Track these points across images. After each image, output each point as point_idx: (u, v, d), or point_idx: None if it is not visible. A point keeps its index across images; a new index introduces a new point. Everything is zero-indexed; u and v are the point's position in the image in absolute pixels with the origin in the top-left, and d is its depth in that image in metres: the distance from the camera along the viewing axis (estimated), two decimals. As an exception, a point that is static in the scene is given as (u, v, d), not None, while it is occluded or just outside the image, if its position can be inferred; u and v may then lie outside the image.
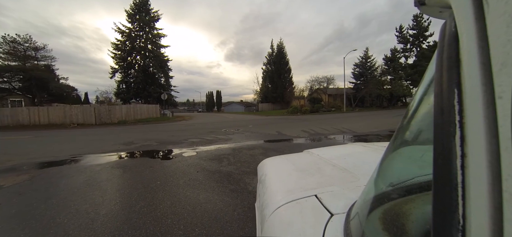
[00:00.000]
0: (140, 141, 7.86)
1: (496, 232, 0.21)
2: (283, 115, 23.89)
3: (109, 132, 11.69)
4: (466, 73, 0.25)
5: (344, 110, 26.76)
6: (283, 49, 42.61)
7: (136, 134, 10.18)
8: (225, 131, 10.43)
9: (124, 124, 17.02)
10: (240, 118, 22.58)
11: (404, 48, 35.09)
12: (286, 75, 42.79)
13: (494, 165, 0.22)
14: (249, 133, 9.31)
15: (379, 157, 0.56)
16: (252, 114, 32.96)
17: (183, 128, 12.69)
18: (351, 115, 19.12)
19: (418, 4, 0.34)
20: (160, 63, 28.34)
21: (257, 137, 8.09)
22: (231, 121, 17.67)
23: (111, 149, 6.57)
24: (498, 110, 0.22)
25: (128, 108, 20.35)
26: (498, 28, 0.22)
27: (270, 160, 1.45)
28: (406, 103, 35.88)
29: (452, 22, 0.28)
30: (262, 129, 10.71)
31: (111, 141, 8.08)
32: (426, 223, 0.43)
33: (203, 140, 7.80)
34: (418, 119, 0.44)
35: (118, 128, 13.77)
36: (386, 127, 9.81)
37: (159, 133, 10.20)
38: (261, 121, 16.57)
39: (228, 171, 3.90)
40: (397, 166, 0.53)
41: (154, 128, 13.39)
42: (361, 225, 0.50)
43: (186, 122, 18.65)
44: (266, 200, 0.93)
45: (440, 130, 0.28)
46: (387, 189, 0.52)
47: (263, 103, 44.26)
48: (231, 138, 8.12)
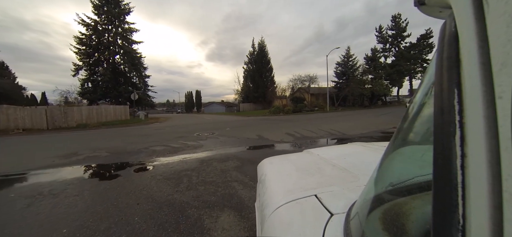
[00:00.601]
0: (86, 152, 6.44)
1: (496, 232, 0.21)
2: (265, 115, 22.81)
3: (59, 139, 9.72)
4: (466, 73, 0.25)
5: (327, 109, 26.46)
6: (265, 48, 41.50)
7: (90, 141, 8.69)
8: (197, 135, 9.17)
9: (84, 128, 15.02)
10: (219, 119, 21.21)
11: (384, 48, 36.01)
12: (268, 74, 41.70)
13: (494, 165, 0.22)
14: (224, 138, 8.15)
15: (379, 157, 0.56)
16: (232, 114, 31.86)
17: (151, 132, 11.27)
18: (335, 115, 18.46)
19: (418, 4, 0.34)
20: (132, 60, 26.01)
21: (233, 143, 6.93)
22: (208, 122, 16.51)
23: (41, 165, 5.08)
24: (498, 110, 0.22)
25: (90, 109, 17.92)
26: (498, 28, 0.22)
27: (269, 160, 1.45)
28: (386, 102, 36.85)
29: (452, 22, 0.28)
30: (241, 133, 9.48)
31: (51, 152, 6.56)
32: (426, 223, 0.43)
33: (167, 148, 6.52)
34: (418, 119, 0.44)
35: (73, 134, 11.73)
36: (375, 128, 9.32)
37: (119, 140, 8.76)
38: (241, 122, 15.52)
39: (182, 202, 2.76)
40: (397, 166, 0.53)
41: (117, 133, 11.73)
42: (361, 225, 0.50)
43: (158, 124, 17.11)
44: (266, 200, 0.93)
45: (440, 130, 0.29)
46: (387, 189, 0.52)
47: (244, 103, 42.97)
48: (202, 144, 6.90)
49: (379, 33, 36.02)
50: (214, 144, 6.88)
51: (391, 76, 32.65)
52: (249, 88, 42.25)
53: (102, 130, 14.15)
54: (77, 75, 24.90)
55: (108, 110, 19.83)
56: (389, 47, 35.53)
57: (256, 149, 6.14)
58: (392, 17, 35.08)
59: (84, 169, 4.70)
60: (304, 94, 31.66)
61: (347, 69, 33.46)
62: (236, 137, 8.22)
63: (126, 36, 26.18)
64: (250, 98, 41.84)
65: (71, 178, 4.09)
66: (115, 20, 25.05)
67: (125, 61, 25.67)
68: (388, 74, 32.52)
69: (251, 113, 30.83)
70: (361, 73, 32.69)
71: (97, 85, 24.77)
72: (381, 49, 35.73)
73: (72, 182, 3.83)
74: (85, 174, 4.38)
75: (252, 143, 6.94)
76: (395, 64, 33.36)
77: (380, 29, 35.95)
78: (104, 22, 24.65)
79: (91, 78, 24.74)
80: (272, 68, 42.46)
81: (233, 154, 5.41)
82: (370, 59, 34.50)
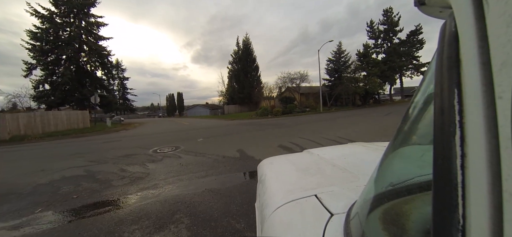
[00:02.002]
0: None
1: (496, 232, 0.21)
2: (251, 118, 20.38)
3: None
4: (466, 73, 0.25)
5: (320, 110, 23.80)
6: (250, 45, 39.17)
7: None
8: (154, 152, 6.64)
9: (20, 142, 12.14)
10: (197, 124, 18.41)
11: (376, 44, 34.25)
12: (254, 73, 39.48)
13: (494, 165, 0.22)
14: (189, 157, 5.56)
15: (379, 157, 0.56)
16: (215, 118, 28.98)
17: (97, 147, 8.52)
18: (333, 116, 16.05)
19: (418, 4, 0.34)
20: (99, 58, 23.39)
21: (197, 170, 4.36)
22: (181, 130, 13.91)
23: None
24: (498, 110, 0.22)
25: (31, 117, 14.14)
26: (498, 28, 0.22)
27: (270, 160, 1.45)
28: (380, 101, 35.57)
29: (452, 22, 0.28)
30: (216, 147, 6.81)
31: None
32: (426, 223, 0.43)
33: (84, 184, 3.97)
34: (418, 119, 0.44)
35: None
36: (392, 132, 5.77)
37: (26, 163, 6.39)
38: (222, 128, 13.14)
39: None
40: (397, 166, 0.53)
41: (49, 148, 9.07)
42: (361, 225, 0.50)
43: (123, 133, 14.33)
44: (266, 200, 0.93)
45: (440, 130, 0.29)
46: (387, 189, 0.52)
47: (229, 105, 40.50)
48: (148, 172, 4.48)
49: (371, 28, 34.70)
50: (167, 172, 4.39)
51: (384, 72, 31.42)
52: (234, 88, 39.92)
53: (40, 144, 11.01)
54: (30, 76, 21.57)
55: (59, 117, 15.62)
56: (381, 42, 34.39)
57: (233, 184, 3.45)
58: (384, 11, 33.88)
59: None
60: (294, 93, 29.41)
61: (339, 66, 31.49)
62: (206, 156, 5.50)
63: (92, 30, 23.37)
64: (235, 100, 39.55)
65: None
66: (78, 12, 22.16)
67: (90, 59, 22.85)
68: (382, 70, 31.20)
69: (236, 115, 28.39)
70: (353, 70, 30.81)
71: (57, 87, 21.31)
72: (373, 45, 34.13)
73: None
74: None
75: (228, 169, 4.28)
76: (387, 60, 32.31)
77: (371, 24, 34.64)
78: (64, 13, 21.63)
79: (49, 79, 21.55)
80: (258, 66, 40.35)
81: (188, 198, 3.00)
82: (363, 56, 32.57)
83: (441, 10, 0.32)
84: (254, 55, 39.96)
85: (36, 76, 21.57)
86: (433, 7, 0.33)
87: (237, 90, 39.27)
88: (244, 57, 38.91)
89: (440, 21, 0.34)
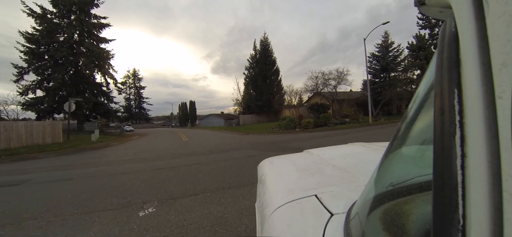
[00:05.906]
0: None
1: (496, 232, 0.21)
2: (273, 132, 15.25)
3: None
4: (466, 73, 0.25)
5: (369, 121, 17.48)
6: (268, 46, 33.89)
7: None
8: (89, 218, 2.71)
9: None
10: (205, 138, 14.29)
11: (432, 34, 24.81)
12: (273, 77, 34.01)
13: (494, 165, 0.22)
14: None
15: (379, 157, 0.56)
16: (228, 130, 23.72)
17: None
18: (393, 131, 6.15)
19: (418, 4, 0.34)
20: (98, 60, 21.63)
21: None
22: (180, 148, 9.75)
23: None
24: (498, 110, 0.22)
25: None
26: (498, 28, 0.22)
27: (270, 160, 1.45)
28: None
29: (452, 22, 0.28)
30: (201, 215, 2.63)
31: None
32: (426, 223, 0.43)
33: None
34: (418, 119, 0.44)
35: None
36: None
37: None
38: (231, 150, 8.02)
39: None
40: (397, 166, 0.53)
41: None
42: (361, 225, 0.50)
43: (97, 153, 9.53)
44: (266, 200, 0.93)
45: (440, 130, 0.29)
46: (387, 189, 0.52)
47: (245, 114, 35.19)
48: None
49: (423, 15, 28.17)
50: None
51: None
52: (250, 96, 35.02)
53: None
54: (21, 81, 19.73)
55: (14, 130, 11.07)
56: (438, 31, 30.34)
57: None
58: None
59: None
60: (329, 100, 23.30)
61: (387, 63, 23.98)
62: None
63: (91, 31, 21.72)
64: (252, 108, 34.44)
65: None
66: (82, 14, 20.78)
67: (88, 63, 20.72)
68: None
69: (254, 127, 22.70)
70: (405, 68, 24.04)
71: (49, 93, 19.57)
72: (428, 35, 24.90)
73: None
74: None
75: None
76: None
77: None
78: (62, 14, 20.23)
79: (42, 86, 19.85)
80: (279, 70, 34.35)
81: None
82: (417, 48, 24.35)
83: (441, 10, 0.32)
84: (274, 56, 34.18)
85: (27, 81, 19.91)
86: (433, 7, 0.33)
87: (254, 97, 34.26)
88: (262, 60, 33.76)
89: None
